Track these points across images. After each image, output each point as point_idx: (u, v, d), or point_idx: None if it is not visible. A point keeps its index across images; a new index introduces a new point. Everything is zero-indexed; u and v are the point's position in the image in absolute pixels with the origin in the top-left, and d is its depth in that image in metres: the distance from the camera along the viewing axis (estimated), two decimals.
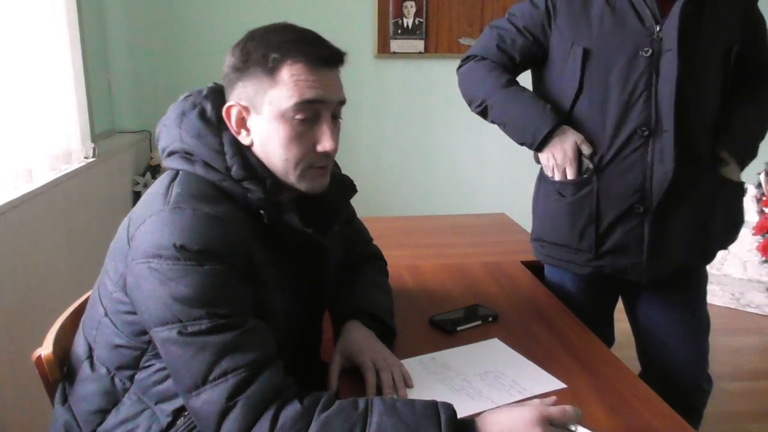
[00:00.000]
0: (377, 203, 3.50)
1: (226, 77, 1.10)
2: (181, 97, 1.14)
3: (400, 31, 3.46)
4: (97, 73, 2.97)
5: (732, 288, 3.37)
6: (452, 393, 1.13)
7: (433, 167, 3.68)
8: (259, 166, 1.09)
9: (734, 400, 2.55)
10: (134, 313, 1.03)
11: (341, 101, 1.11)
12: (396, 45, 3.47)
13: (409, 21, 3.45)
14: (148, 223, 0.98)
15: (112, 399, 1.10)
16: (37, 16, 2.25)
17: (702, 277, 1.70)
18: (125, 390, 1.09)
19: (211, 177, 1.05)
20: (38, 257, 2.10)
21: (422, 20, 3.45)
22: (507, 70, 1.62)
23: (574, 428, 0.96)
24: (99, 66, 3.04)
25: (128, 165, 3.15)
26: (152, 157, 3.30)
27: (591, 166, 1.53)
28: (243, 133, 1.09)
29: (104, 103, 3.14)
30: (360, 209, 1.47)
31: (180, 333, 0.95)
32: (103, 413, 1.10)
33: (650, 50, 1.45)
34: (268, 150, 1.08)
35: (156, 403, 1.07)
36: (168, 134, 1.11)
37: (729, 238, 1.64)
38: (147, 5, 3.28)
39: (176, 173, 1.07)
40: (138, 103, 3.30)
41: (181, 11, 3.32)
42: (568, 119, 1.55)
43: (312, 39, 1.09)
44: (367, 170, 3.53)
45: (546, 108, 1.54)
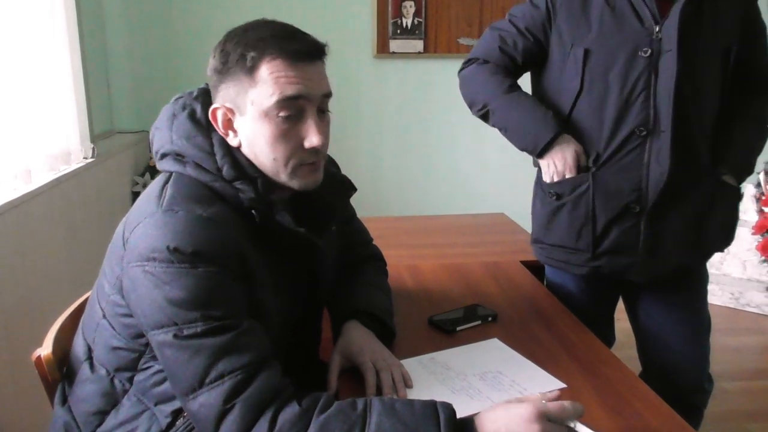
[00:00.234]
0: (377, 203, 3.50)
1: (210, 80, 1.10)
2: (172, 99, 1.14)
3: (399, 31, 3.45)
4: (97, 74, 2.97)
5: (731, 287, 3.37)
6: (452, 393, 1.13)
7: (433, 167, 3.67)
8: (249, 167, 1.08)
9: (734, 400, 2.55)
10: (131, 316, 1.03)
11: (326, 94, 1.09)
12: (395, 45, 3.47)
13: (408, 21, 3.45)
14: (142, 226, 0.98)
15: (112, 400, 1.10)
16: (37, 17, 2.24)
17: (702, 277, 1.70)
18: (125, 391, 1.09)
19: (203, 178, 1.05)
20: (37, 257, 2.09)
21: (421, 20, 3.45)
22: (509, 73, 1.62)
23: (573, 425, 0.95)
24: (98, 66, 3.04)
25: (127, 165, 3.15)
26: (151, 158, 3.29)
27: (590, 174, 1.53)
28: (231, 135, 1.09)
29: (103, 104, 3.13)
30: (360, 209, 1.47)
31: (176, 336, 0.94)
32: (103, 414, 1.10)
33: (649, 50, 1.45)
34: (256, 150, 1.07)
35: (155, 405, 1.07)
36: (160, 137, 1.10)
37: (725, 241, 1.64)
38: (146, 6, 3.28)
39: (170, 175, 1.07)
40: (137, 104, 3.30)
41: (180, 12, 3.32)
42: (568, 119, 1.55)
43: (289, 33, 1.06)
44: (367, 170, 3.54)
45: (548, 115, 1.54)
